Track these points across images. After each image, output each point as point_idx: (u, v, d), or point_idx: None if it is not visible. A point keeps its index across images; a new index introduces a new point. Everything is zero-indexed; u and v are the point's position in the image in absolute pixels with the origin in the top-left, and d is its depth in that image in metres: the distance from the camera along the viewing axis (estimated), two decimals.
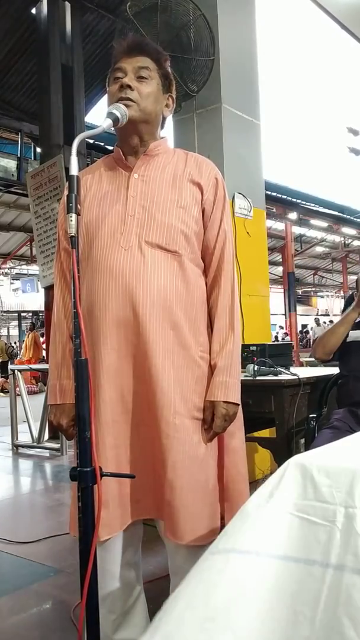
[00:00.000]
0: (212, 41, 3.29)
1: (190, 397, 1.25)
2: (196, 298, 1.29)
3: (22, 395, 5.08)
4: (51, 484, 3.95)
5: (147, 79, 1.28)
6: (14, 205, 11.94)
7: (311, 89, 21.08)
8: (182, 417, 1.23)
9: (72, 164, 1.07)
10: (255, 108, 3.70)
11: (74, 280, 1.02)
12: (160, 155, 1.35)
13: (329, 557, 0.76)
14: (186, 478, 1.21)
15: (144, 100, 1.27)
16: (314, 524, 0.80)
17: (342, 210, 15.04)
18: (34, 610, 1.96)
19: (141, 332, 1.22)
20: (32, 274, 16.80)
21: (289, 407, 2.21)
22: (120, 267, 1.24)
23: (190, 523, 1.20)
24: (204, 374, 1.28)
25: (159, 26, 3.13)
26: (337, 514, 0.78)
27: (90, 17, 6.21)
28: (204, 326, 1.31)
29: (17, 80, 6.90)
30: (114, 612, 1.31)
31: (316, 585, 0.74)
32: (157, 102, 1.31)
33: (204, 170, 1.35)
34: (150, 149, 1.33)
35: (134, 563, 1.36)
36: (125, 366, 1.24)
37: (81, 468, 0.99)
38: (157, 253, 1.24)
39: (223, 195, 1.35)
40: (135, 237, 1.25)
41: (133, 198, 1.29)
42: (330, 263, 22.28)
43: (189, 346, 1.26)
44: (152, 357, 1.21)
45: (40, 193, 5.53)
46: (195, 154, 1.40)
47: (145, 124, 1.30)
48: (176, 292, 1.25)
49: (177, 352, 1.24)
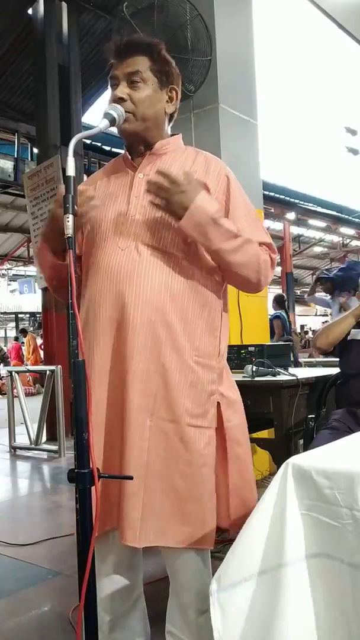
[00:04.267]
0: (209, 41, 3.29)
1: (182, 401, 1.21)
2: (195, 300, 1.25)
3: (19, 397, 5.07)
4: (49, 486, 3.93)
5: (140, 83, 1.25)
6: (11, 206, 11.92)
7: (309, 89, 21.01)
8: (161, 421, 1.19)
9: (68, 165, 1.06)
10: (252, 108, 3.70)
11: (70, 281, 1.01)
12: (168, 154, 1.32)
13: (344, 555, 0.77)
14: (156, 479, 1.18)
15: (140, 107, 1.25)
16: (324, 523, 0.80)
17: (340, 210, 15.06)
18: (33, 612, 1.95)
19: (129, 333, 1.20)
20: (29, 275, 16.78)
21: (288, 407, 2.20)
22: (116, 268, 1.23)
23: (153, 524, 1.17)
24: (199, 380, 1.24)
25: (156, 26, 3.13)
26: (344, 515, 0.78)
27: (86, 17, 6.21)
28: (203, 331, 1.26)
29: (14, 81, 6.89)
30: (109, 613, 1.30)
31: (342, 579, 0.76)
32: (154, 104, 1.28)
33: (212, 169, 1.31)
34: (156, 148, 1.31)
35: (133, 565, 1.35)
36: (115, 367, 1.23)
37: (79, 470, 0.99)
38: (153, 254, 1.23)
39: (238, 192, 1.31)
40: (134, 238, 1.24)
41: (136, 198, 1.27)
42: (329, 263, 22.28)
43: (182, 349, 1.22)
44: (137, 359, 1.19)
45: (37, 194, 5.52)
46: (206, 152, 1.36)
47: (145, 131, 1.28)
48: (170, 294, 1.21)
49: (167, 355, 1.20)
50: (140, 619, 1.37)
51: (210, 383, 1.26)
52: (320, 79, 30.31)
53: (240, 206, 1.30)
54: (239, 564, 0.80)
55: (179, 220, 1.19)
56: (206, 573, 1.28)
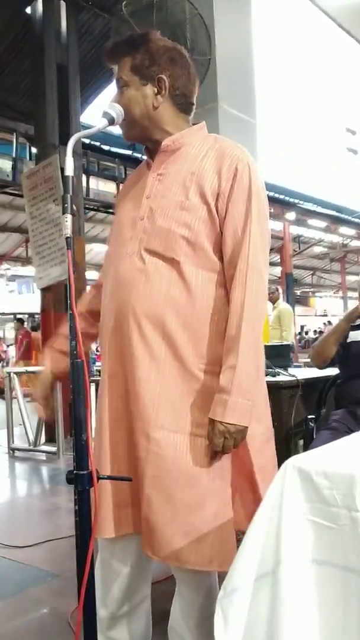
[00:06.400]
0: (209, 40, 3.28)
1: (187, 411, 1.17)
2: (199, 307, 1.19)
3: (18, 398, 5.06)
4: (48, 488, 3.93)
5: (124, 87, 1.24)
6: (10, 206, 11.91)
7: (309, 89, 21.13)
8: (167, 432, 1.16)
9: (67, 164, 1.05)
10: (251, 107, 3.70)
11: (69, 283, 1.01)
12: (182, 149, 1.25)
13: (339, 558, 0.76)
14: (165, 495, 1.14)
15: (127, 111, 1.23)
16: (322, 525, 0.79)
17: (340, 210, 15.07)
18: (31, 615, 1.95)
19: (130, 342, 1.18)
20: (28, 276, 16.75)
21: (288, 408, 2.20)
22: (122, 274, 1.22)
23: (165, 539, 1.14)
24: (205, 388, 1.18)
25: (155, 25, 3.12)
26: (342, 517, 0.77)
27: (85, 16, 6.20)
28: (209, 337, 1.19)
29: (12, 80, 6.88)
30: (107, 608, 1.29)
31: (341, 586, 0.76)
32: (138, 102, 1.23)
33: (225, 160, 1.20)
34: (165, 145, 1.25)
35: (142, 566, 1.32)
36: (120, 374, 1.22)
37: (77, 471, 0.99)
38: (155, 261, 1.19)
39: (245, 187, 1.18)
40: (139, 243, 1.22)
41: (147, 199, 1.24)
42: (329, 263, 22.31)
43: (185, 358, 1.17)
44: (137, 369, 1.17)
45: (35, 194, 5.50)
46: (224, 142, 1.26)
47: (141, 130, 1.26)
48: (172, 302, 1.18)
49: (169, 364, 1.17)
50: (144, 621, 1.35)
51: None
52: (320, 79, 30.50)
53: (238, 203, 1.18)
54: (240, 570, 0.80)
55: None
56: (213, 577, 1.27)
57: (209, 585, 1.25)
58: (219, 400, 1.14)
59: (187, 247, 1.18)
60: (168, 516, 1.14)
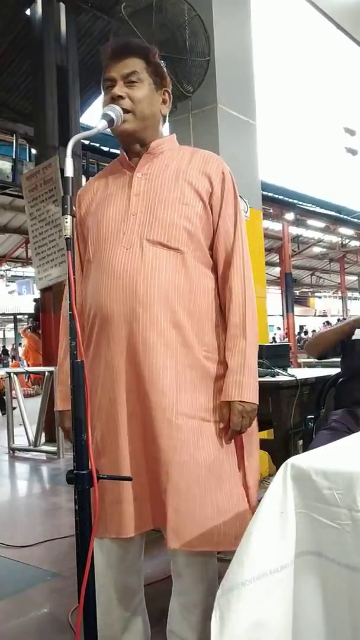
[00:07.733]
0: (208, 41, 3.29)
1: (197, 397, 1.23)
2: (200, 296, 1.26)
3: (18, 398, 5.06)
4: (48, 487, 3.93)
5: (138, 82, 1.26)
6: (10, 207, 11.89)
7: (308, 89, 21.00)
8: (186, 418, 1.20)
9: (67, 165, 1.06)
10: (251, 108, 3.71)
11: (69, 283, 1.02)
12: (164, 153, 1.33)
13: (341, 556, 0.77)
14: (192, 481, 1.18)
15: (139, 106, 1.26)
16: (323, 524, 0.80)
17: (339, 211, 15.07)
18: (31, 614, 1.95)
19: (142, 331, 1.21)
20: (28, 276, 16.75)
21: (287, 408, 2.20)
22: (122, 267, 1.23)
23: (198, 529, 1.17)
24: (209, 374, 1.26)
25: (154, 27, 3.12)
26: (343, 516, 0.78)
27: (85, 18, 6.20)
28: (210, 325, 1.28)
29: (12, 82, 6.88)
30: (110, 615, 1.30)
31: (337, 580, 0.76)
32: (152, 103, 1.29)
33: (212, 164, 1.32)
34: (153, 147, 1.32)
35: (136, 570, 1.35)
36: (129, 366, 1.23)
37: (78, 471, 0.99)
38: (158, 251, 1.23)
39: (232, 189, 1.32)
40: (137, 236, 1.25)
41: (136, 197, 1.28)
42: (328, 263, 22.29)
43: (192, 345, 1.23)
44: (153, 357, 1.20)
45: (35, 195, 5.50)
46: (203, 150, 1.38)
47: (143, 130, 1.29)
48: (178, 290, 1.23)
49: (180, 351, 1.22)
50: (142, 622, 1.36)
51: (219, 378, 1.27)
52: (319, 80, 30.09)
53: (229, 203, 1.32)
54: (239, 568, 0.80)
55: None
56: (212, 575, 1.28)
57: (208, 582, 1.26)
58: (234, 382, 1.22)
59: (188, 239, 1.25)
60: (197, 501, 1.18)
